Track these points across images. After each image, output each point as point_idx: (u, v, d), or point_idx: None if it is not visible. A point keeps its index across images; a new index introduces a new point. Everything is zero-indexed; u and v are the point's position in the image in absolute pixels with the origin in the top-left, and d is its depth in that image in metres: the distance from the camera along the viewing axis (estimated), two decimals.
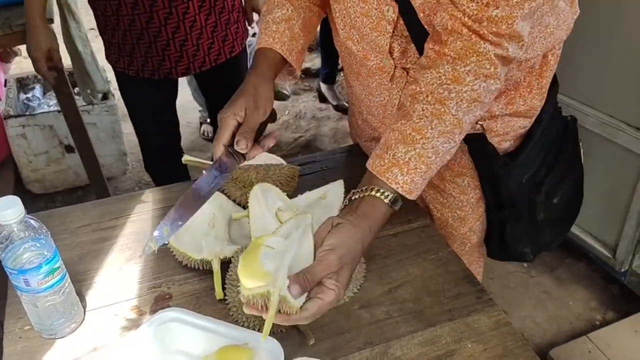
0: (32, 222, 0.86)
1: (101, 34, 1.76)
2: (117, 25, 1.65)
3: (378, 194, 0.85)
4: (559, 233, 1.24)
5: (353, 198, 0.88)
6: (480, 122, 1.06)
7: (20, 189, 2.70)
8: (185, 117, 3.33)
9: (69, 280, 0.93)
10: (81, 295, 0.99)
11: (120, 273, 1.07)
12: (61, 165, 2.64)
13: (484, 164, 1.10)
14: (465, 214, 1.14)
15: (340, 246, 0.81)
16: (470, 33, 0.82)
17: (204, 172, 0.95)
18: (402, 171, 0.85)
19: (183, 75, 1.78)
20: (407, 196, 0.87)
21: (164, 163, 1.99)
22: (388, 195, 0.86)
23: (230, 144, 0.94)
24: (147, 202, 1.24)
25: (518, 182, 1.10)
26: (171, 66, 1.74)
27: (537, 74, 1.04)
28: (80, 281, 1.04)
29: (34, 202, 2.67)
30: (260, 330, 0.88)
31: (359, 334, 0.93)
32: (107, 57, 1.81)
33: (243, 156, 0.96)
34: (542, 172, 1.12)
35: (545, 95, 1.07)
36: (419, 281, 1.03)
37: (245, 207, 1.12)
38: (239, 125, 0.94)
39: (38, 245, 0.86)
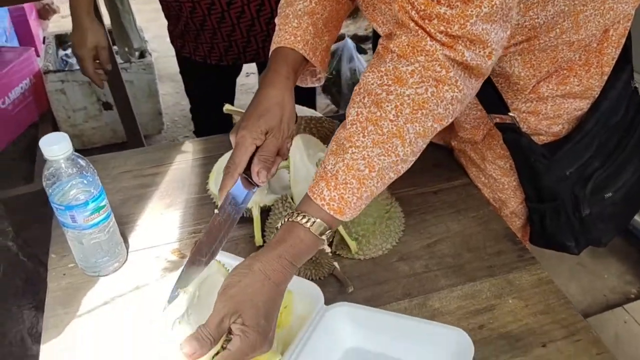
0: (80, 160, 0.87)
1: (166, 18, 1.68)
2: (180, 12, 1.57)
3: (299, 219, 0.73)
4: (611, 230, 1.08)
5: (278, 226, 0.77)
6: (512, 113, 0.96)
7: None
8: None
9: (113, 220, 0.95)
10: (124, 237, 1.01)
11: (162, 218, 1.09)
12: (99, 121, 2.68)
13: (519, 156, 1.01)
14: (507, 197, 1.09)
15: (230, 285, 0.70)
16: (417, 28, 0.69)
17: (216, 211, 0.84)
18: (328, 185, 0.72)
19: (252, 61, 1.66)
20: (338, 217, 0.74)
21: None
22: (310, 221, 0.73)
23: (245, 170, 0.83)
24: (187, 152, 1.25)
25: (559, 177, 0.99)
26: (239, 52, 1.60)
27: (596, 51, 0.92)
28: (123, 224, 1.05)
29: None
30: (303, 276, 0.89)
31: (397, 285, 0.93)
32: (172, 42, 1.70)
33: (257, 184, 0.84)
34: (593, 165, 0.99)
35: (607, 74, 0.94)
36: (459, 237, 1.01)
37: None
38: (257, 148, 0.83)
39: (85, 182, 0.87)
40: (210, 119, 1.78)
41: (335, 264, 0.94)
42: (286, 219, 0.75)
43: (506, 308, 0.88)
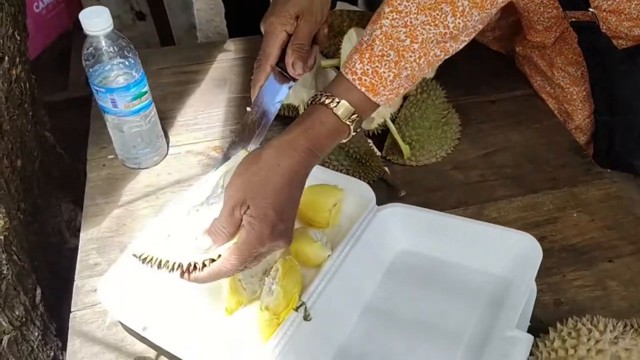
0: (121, 40, 0.82)
1: None
2: None
3: (323, 100, 0.63)
4: None
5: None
6: (592, 9, 0.85)
7: None
8: None
9: (155, 110, 0.90)
10: (164, 132, 0.97)
11: (202, 115, 1.04)
12: (132, 31, 2.60)
13: (595, 60, 0.90)
14: (573, 109, 0.99)
15: (238, 173, 0.62)
16: None
17: (248, 109, 0.78)
18: (362, 57, 0.62)
19: None
20: (371, 96, 0.63)
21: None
22: (335, 102, 0.62)
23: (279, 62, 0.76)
24: (229, 51, 1.19)
25: (637, 86, 0.89)
26: None
27: None
28: (162, 119, 1.00)
29: None
30: (350, 174, 0.84)
31: (451, 194, 0.87)
32: None
33: (293, 78, 0.76)
34: None
35: None
36: (519, 148, 0.94)
37: (333, 57, 1.04)
38: (289, 37, 0.75)
39: (127, 64, 0.82)
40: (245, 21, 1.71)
41: (386, 168, 0.89)
42: (309, 102, 0.65)
43: (570, 221, 0.82)
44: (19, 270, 0.79)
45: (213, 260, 0.60)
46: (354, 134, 0.65)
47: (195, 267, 0.61)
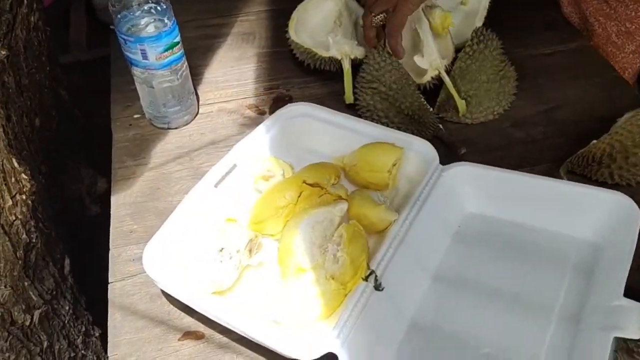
0: None
1: None
2: None
3: None
4: None
5: None
6: None
7: (90, 19, 2.57)
8: None
9: (186, 63, 0.82)
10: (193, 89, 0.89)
11: (233, 72, 0.95)
12: None
13: None
14: (636, 28, 0.92)
15: None
16: None
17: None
18: None
19: None
20: None
21: None
22: None
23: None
24: (255, 2, 1.10)
25: None
26: None
27: None
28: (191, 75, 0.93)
29: (106, 34, 2.55)
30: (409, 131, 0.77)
31: (512, 153, 0.80)
32: None
33: None
34: None
35: None
36: (580, 104, 0.87)
37: None
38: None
39: (158, 9, 0.74)
40: None
41: (440, 125, 0.82)
42: None
43: None
44: (47, 239, 0.72)
45: None
46: None
47: None
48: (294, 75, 0.94)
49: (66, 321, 0.72)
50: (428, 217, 0.65)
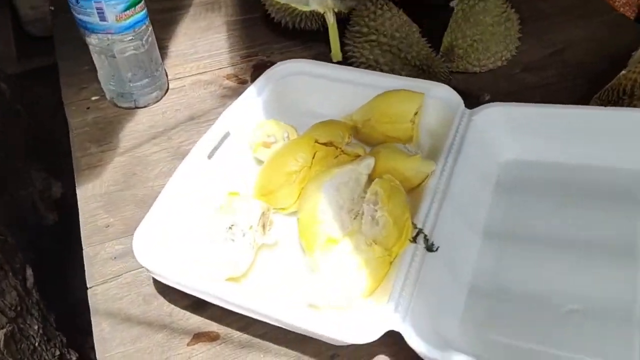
0: None
1: None
2: None
3: None
4: None
5: None
6: None
7: (17, 32, 2.37)
8: None
9: (151, 26, 0.70)
10: None
11: (201, 43, 0.84)
12: None
13: None
14: None
15: None
16: None
17: None
18: None
19: None
20: None
21: None
22: None
23: None
24: None
25: None
26: None
27: None
28: None
29: (35, 46, 2.35)
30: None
31: (531, 99, 0.72)
32: None
33: None
34: None
35: None
36: (586, 44, 0.81)
37: None
38: None
39: None
40: None
41: (450, 75, 0.73)
42: None
43: None
44: (1, 245, 0.58)
45: None
46: None
47: None
48: (272, 41, 0.83)
49: (37, 344, 0.58)
50: (465, 168, 0.56)
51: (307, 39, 0.82)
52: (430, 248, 0.48)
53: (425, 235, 0.49)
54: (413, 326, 0.43)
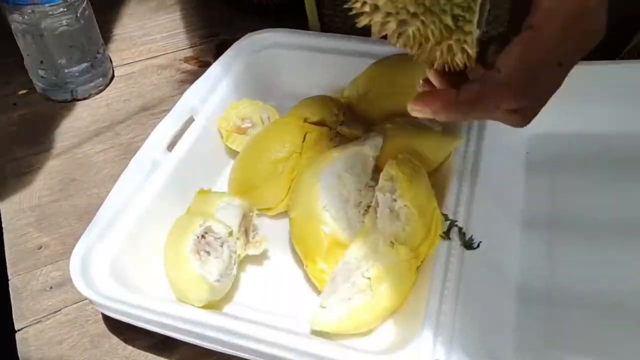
0: None
1: None
2: None
3: None
4: None
5: None
6: None
7: None
8: None
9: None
10: None
11: (152, 24, 0.71)
12: None
13: None
14: None
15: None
16: None
17: None
18: None
19: None
20: None
21: None
22: None
23: None
24: None
25: None
26: None
27: None
28: None
29: None
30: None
31: None
32: None
33: None
34: None
35: None
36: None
37: None
38: None
39: None
40: None
41: None
42: None
43: None
44: None
45: None
46: None
47: None
48: (236, 17, 0.71)
49: None
50: (492, 143, 0.45)
51: (275, 14, 0.70)
52: (469, 244, 0.37)
53: (461, 229, 0.37)
54: (462, 349, 0.32)
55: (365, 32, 0.55)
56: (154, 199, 0.41)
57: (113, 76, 0.62)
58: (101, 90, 0.60)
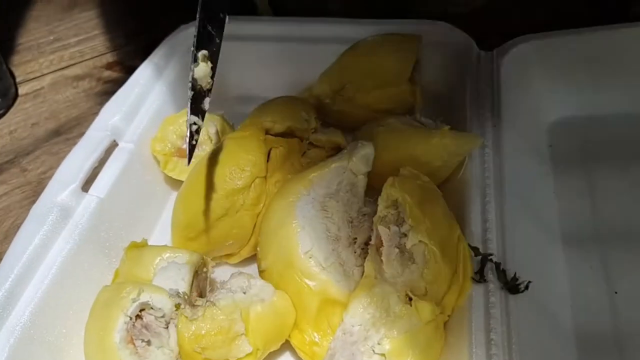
0: None
1: None
2: None
3: None
4: None
5: None
6: None
7: None
8: None
9: None
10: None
11: (64, 26, 0.58)
12: None
13: None
14: None
15: None
16: None
17: None
18: None
19: None
20: None
21: None
22: None
23: None
24: None
25: None
26: None
27: None
28: None
29: None
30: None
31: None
32: None
33: None
34: None
35: None
36: None
37: None
38: None
39: None
40: None
41: None
42: None
43: None
44: None
45: None
46: None
47: None
48: (168, 9, 0.59)
49: None
50: (511, 140, 0.35)
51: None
52: (514, 287, 0.27)
53: (499, 265, 0.27)
54: None
55: (329, 12, 0.44)
56: (64, 264, 0.29)
57: (16, 95, 0.50)
58: (1, 115, 0.48)
